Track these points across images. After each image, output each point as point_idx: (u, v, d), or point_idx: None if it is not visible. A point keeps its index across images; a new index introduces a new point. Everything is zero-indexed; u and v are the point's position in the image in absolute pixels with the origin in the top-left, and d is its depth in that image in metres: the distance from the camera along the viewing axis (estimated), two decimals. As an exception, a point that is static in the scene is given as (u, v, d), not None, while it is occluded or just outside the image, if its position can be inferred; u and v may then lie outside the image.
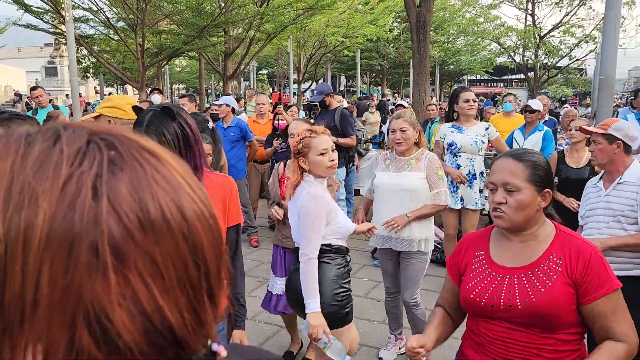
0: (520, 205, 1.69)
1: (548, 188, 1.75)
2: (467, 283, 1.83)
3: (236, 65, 19.97)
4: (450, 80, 41.17)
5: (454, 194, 4.75)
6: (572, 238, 1.74)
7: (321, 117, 6.24)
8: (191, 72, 39.04)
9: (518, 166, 1.72)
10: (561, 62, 24.36)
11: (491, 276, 1.77)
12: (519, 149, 1.88)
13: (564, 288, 1.64)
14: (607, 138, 2.96)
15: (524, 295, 1.68)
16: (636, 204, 2.85)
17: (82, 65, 19.42)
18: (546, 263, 1.69)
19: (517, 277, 1.72)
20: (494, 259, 1.80)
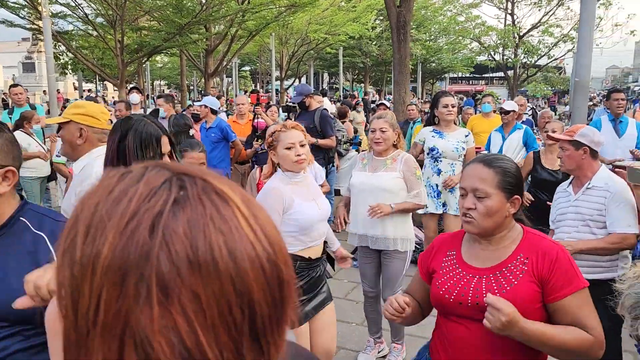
0: (489, 212, 1.72)
1: (517, 194, 1.77)
2: (437, 280, 1.87)
3: (218, 63, 19.85)
4: (432, 77, 41.45)
5: (435, 199, 4.81)
6: (539, 238, 1.78)
7: (301, 118, 6.25)
8: (173, 68, 38.69)
9: (488, 172, 1.74)
10: (540, 61, 24.68)
11: (461, 274, 1.81)
12: (490, 154, 1.89)
13: (529, 286, 1.68)
14: (573, 144, 3.02)
15: (491, 293, 1.71)
16: (604, 208, 2.92)
17: (60, 61, 19.09)
18: (513, 263, 1.73)
19: (485, 276, 1.76)
20: (465, 259, 1.84)
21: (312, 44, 26.62)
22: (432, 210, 4.83)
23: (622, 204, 2.89)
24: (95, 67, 16.41)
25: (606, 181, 2.98)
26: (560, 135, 3.10)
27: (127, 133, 1.92)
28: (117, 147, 1.92)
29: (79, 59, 16.16)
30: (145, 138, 1.94)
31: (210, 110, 6.34)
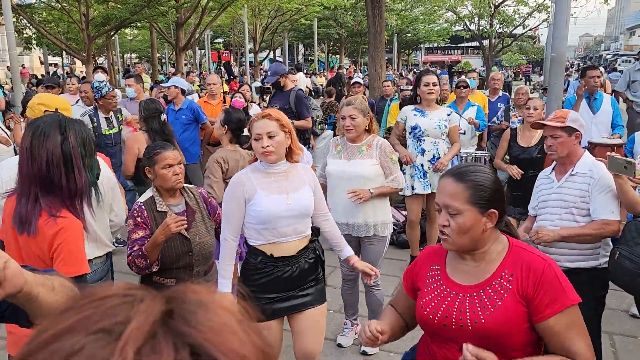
0: (462, 229, 1.62)
1: (493, 208, 1.65)
2: (422, 299, 1.78)
3: (189, 36, 19.30)
4: (408, 48, 41.23)
5: (422, 179, 4.74)
6: (525, 253, 1.67)
7: (276, 98, 6.07)
8: (143, 40, 37.59)
9: (458, 187, 1.64)
10: (515, 31, 24.64)
11: (445, 292, 1.72)
12: (464, 165, 1.75)
13: (514, 306, 1.58)
14: (566, 130, 2.95)
15: (474, 315, 1.63)
16: (588, 195, 2.87)
17: (24, 35, 18.31)
18: (497, 281, 1.63)
19: (469, 295, 1.66)
20: (449, 274, 1.75)
21: (286, 15, 26.10)
22: (419, 191, 4.77)
23: (605, 191, 2.84)
24: (61, 42, 15.79)
25: (590, 167, 2.92)
26: (552, 122, 3.00)
27: (68, 134, 1.90)
28: (60, 150, 1.87)
29: (42, 33, 15.50)
30: (85, 136, 1.98)
31: (180, 91, 6.11)
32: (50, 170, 1.85)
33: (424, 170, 4.72)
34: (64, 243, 1.83)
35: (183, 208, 2.79)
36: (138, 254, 2.62)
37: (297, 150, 2.66)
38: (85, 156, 1.94)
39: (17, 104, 9.65)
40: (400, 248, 5.70)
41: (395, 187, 3.57)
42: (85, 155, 1.94)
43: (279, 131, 2.54)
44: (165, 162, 2.71)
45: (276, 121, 2.55)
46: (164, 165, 2.70)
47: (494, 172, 1.71)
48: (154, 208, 2.73)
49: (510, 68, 33.79)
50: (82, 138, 1.95)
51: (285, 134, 2.56)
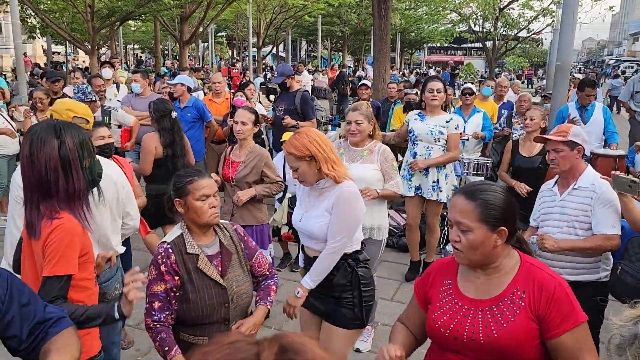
0: (473, 245, 1.68)
1: (503, 225, 1.70)
2: (433, 312, 1.81)
3: (193, 29, 19.26)
4: (411, 48, 41.18)
5: (407, 181, 4.78)
6: (537, 270, 1.71)
7: (281, 99, 6.10)
8: (147, 32, 37.53)
9: (469, 205, 1.69)
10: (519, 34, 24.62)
11: (457, 307, 1.76)
12: (475, 184, 1.80)
13: (526, 323, 1.63)
14: (569, 145, 2.98)
15: (487, 329, 1.67)
16: (590, 209, 2.91)
17: (28, 24, 18.27)
18: (510, 297, 1.68)
19: (481, 310, 1.71)
20: (461, 289, 1.79)
21: (291, 11, 26.03)
22: (405, 193, 4.81)
23: (607, 205, 2.88)
24: (65, 32, 15.76)
25: (592, 181, 2.95)
26: (556, 137, 3.03)
27: (64, 137, 1.93)
28: (58, 154, 1.90)
29: (46, 23, 15.47)
30: (82, 138, 1.98)
31: (186, 89, 6.14)
32: (49, 175, 1.89)
33: (410, 173, 4.78)
34: (54, 242, 1.86)
35: (217, 249, 2.34)
36: (160, 328, 2.18)
37: (333, 173, 2.59)
38: (83, 158, 1.96)
39: (21, 94, 9.66)
40: (401, 251, 5.74)
41: (396, 192, 3.68)
42: (83, 157, 1.96)
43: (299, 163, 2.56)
44: (201, 193, 2.24)
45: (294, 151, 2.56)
46: (199, 196, 2.24)
47: (504, 188, 1.77)
48: (184, 250, 2.24)
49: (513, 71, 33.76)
50: (79, 140, 1.96)
51: (309, 161, 2.54)
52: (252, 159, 3.90)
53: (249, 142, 3.98)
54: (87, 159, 1.98)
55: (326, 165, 2.56)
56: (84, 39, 16.25)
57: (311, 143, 2.54)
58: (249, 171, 3.89)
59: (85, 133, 2.04)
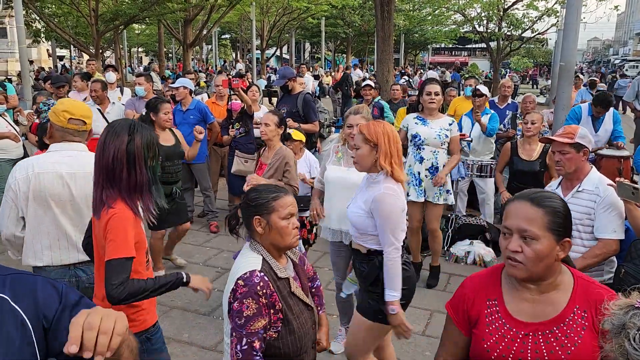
0: (539, 256, 1.54)
1: (568, 237, 1.59)
2: (484, 341, 1.64)
3: (197, 32, 19.31)
4: (415, 49, 41.13)
5: (417, 187, 4.76)
6: (593, 287, 1.61)
7: (283, 102, 6.08)
8: (151, 35, 37.62)
9: (537, 212, 1.56)
10: (523, 35, 24.51)
11: (512, 332, 1.60)
12: (537, 191, 1.65)
13: (593, 344, 1.51)
14: (575, 147, 2.95)
15: (553, 355, 1.53)
16: (593, 212, 2.89)
17: (33, 28, 18.36)
18: (571, 317, 1.56)
19: (541, 334, 1.57)
20: (511, 311, 1.63)
21: (294, 13, 26.07)
22: (413, 198, 4.77)
23: (610, 209, 2.85)
24: (69, 36, 15.83)
25: (597, 184, 2.93)
26: (563, 138, 3.00)
27: (135, 135, 2.14)
28: (125, 148, 2.11)
29: (51, 27, 15.55)
30: (149, 139, 2.19)
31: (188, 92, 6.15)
32: (115, 164, 2.10)
33: (419, 178, 4.73)
34: (112, 229, 2.05)
35: (293, 272, 2.13)
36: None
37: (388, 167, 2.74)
38: (147, 157, 2.16)
39: (26, 98, 9.69)
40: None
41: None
42: (147, 156, 2.16)
43: (364, 144, 2.76)
44: (287, 211, 2.01)
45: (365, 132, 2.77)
46: (285, 214, 2.00)
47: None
48: (274, 276, 1.97)
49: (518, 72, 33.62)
50: (147, 141, 2.16)
51: (371, 148, 2.75)
52: (277, 160, 3.97)
53: (275, 143, 4.04)
54: (152, 159, 2.19)
55: (384, 158, 2.70)
56: (88, 43, 16.28)
57: (382, 134, 2.71)
58: (274, 172, 3.94)
59: (155, 137, 2.22)
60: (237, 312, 1.83)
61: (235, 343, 1.84)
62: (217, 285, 4.86)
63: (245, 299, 1.84)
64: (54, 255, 2.67)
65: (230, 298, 1.89)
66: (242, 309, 1.84)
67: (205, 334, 3.97)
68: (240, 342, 1.84)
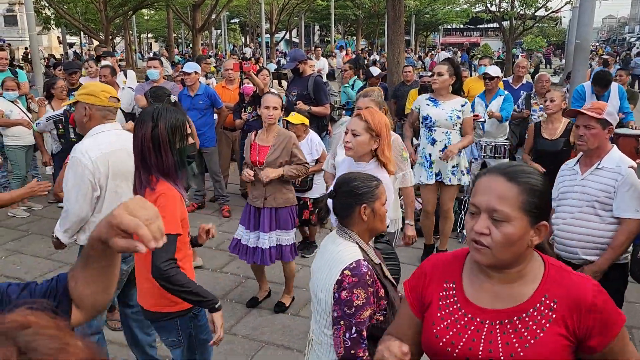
0: (509, 241, 1.31)
1: (544, 219, 1.36)
2: (434, 325, 1.46)
3: (206, 17, 19.21)
4: (426, 30, 40.60)
5: (428, 169, 4.71)
6: (567, 275, 1.38)
7: (294, 84, 6.04)
8: (160, 20, 37.50)
9: (511, 189, 1.32)
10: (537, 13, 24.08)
11: (466, 319, 1.41)
12: (513, 164, 1.41)
13: (558, 340, 1.32)
14: (601, 123, 2.89)
15: (508, 347, 1.34)
16: (614, 190, 2.84)
17: (42, 15, 18.38)
18: (536, 307, 1.35)
19: (499, 323, 1.37)
20: (469, 296, 1.44)
21: (303, -5, 25.81)
22: (424, 181, 4.74)
23: (632, 188, 2.80)
24: (79, 22, 15.83)
25: (618, 163, 2.87)
26: (591, 112, 2.92)
27: (158, 121, 2.19)
28: (150, 135, 2.18)
29: (60, 14, 15.54)
30: (175, 123, 2.22)
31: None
32: (144, 150, 2.20)
33: (430, 160, 4.68)
34: (160, 206, 2.08)
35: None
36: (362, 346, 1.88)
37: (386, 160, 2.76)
38: (173, 141, 2.21)
39: (37, 85, 9.73)
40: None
41: (405, 186, 3.58)
42: (173, 140, 2.21)
43: (365, 132, 2.73)
44: (385, 197, 2.07)
45: (370, 120, 2.73)
46: (384, 200, 2.06)
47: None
48: (372, 262, 1.99)
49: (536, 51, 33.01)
50: (171, 125, 2.21)
51: (372, 137, 2.71)
52: (281, 142, 3.93)
53: (275, 125, 4.02)
54: (178, 142, 2.23)
55: (382, 150, 2.73)
56: (98, 29, 16.27)
57: (385, 126, 2.72)
58: (280, 153, 3.91)
59: (181, 120, 2.26)
60: (347, 302, 1.86)
61: (343, 331, 1.87)
62: (229, 270, 4.89)
63: (355, 289, 1.86)
64: None
65: (334, 288, 1.89)
66: (352, 298, 1.86)
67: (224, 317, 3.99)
68: (349, 330, 1.86)
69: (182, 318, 2.33)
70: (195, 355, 2.42)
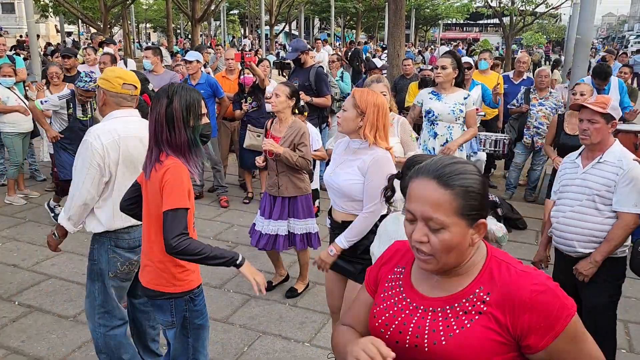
0: (448, 247, 1.28)
1: (483, 218, 1.31)
2: (376, 305, 1.46)
3: (205, 7, 19.10)
4: (426, 25, 40.53)
5: None
6: (508, 270, 1.32)
7: (295, 75, 6.01)
8: (158, 10, 37.37)
9: (444, 195, 1.26)
10: (537, 9, 24.03)
11: (404, 303, 1.40)
12: (446, 163, 1.31)
13: (484, 333, 1.27)
14: (605, 117, 2.89)
15: (433, 335, 1.31)
16: (614, 184, 2.84)
17: (40, 3, 18.24)
18: (469, 298, 1.31)
19: (432, 310, 1.35)
20: (414, 282, 1.42)
21: (304, -13, 25.69)
22: None
23: (632, 183, 2.80)
24: (77, 10, 15.71)
25: (619, 157, 2.87)
26: (595, 106, 2.91)
27: (173, 98, 2.20)
28: (165, 111, 2.20)
29: (59, 1, 15.42)
30: (190, 101, 2.23)
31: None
32: (157, 127, 2.21)
33: (434, 153, 4.67)
34: (169, 181, 2.14)
35: None
36: None
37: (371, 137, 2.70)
38: (188, 118, 2.22)
39: (34, 72, 9.67)
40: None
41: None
42: (188, 118, 2.22)
43: (351, 109, 2.72)
44: None
45: (352, 98, 2.74)
46: None
47: (478, 170, 1.35)
48: None
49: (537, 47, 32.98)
50: (186, 103, 2.22)
51: (358, 114, 2.69)
52: (291, 134, 3.91)
53: (287, 115, 3.98)
54: (192, 120, 2.23)
55: (368, 129, 2.68)
56: (96, 18, 16.17)
57: (373, 105, 2.68)
58: (289, 145, 3.90)
59: (196, 98, 2.26)
60: None
61: None
62: (228, 259, 4.89)
63: None
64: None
65: None
66: None
67: (216, 306, 3.99)
68: None
69: (177, 299, 2.33)
70: (188, 339, 2.40)
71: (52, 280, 4.40)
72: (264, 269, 4.42)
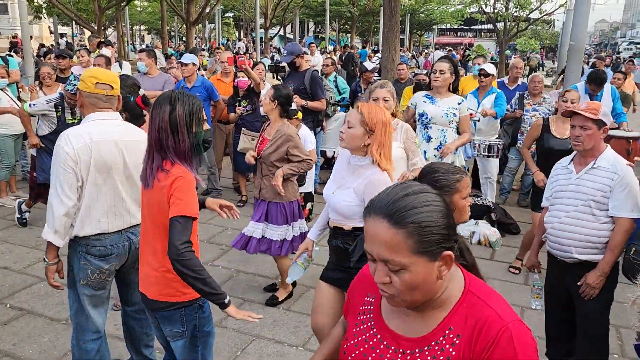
0: (412, 286, 1.19)
1: (448, 249, 1.20)
2: (347, 340, 1.40)
3: (200, 10, 19.08)
4: (420, 29, 40.70)
5: None
6: (482, 308, 1.24)
7: (290, 78, 6.01)
8: (153, 12, 37.25)
9: (397, 235, 1.15)
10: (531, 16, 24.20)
11: (374, 340, 1.33)
12: (400, 196, 1.20)
13: None
14: (597, 123, 2.91)
15: None
16: (609, 190, 2.85)
17: (34, 4, 18.16)
18: (438, 341, 1.25)
19: (402, 352, 1.28)
20: (384, 315, 1.36)
21: (299, -9, 25.74)
22: None
23: (628, 188, 2.82)
24: (71, 12, 15.66)
25: (613, 162, 2.89)
26: (587, 112, 2.93)
27: (176, 105, 2.20)
28: (169, 118, 2.20)
29: (52, 3, 15.36)
30: (192, 108, 2.23)
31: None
32: (161, 133, 2.20)
33: (426, 157, 4.68)
34: (179, 189, 2.14)
35: None
36: None
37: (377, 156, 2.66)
38: (190, 124, 2.21)
39: (27, 73, 9.62)
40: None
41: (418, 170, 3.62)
42: (190, 124, 2.21)
43: (359, 126, 2.64)
44: (467, 191, 2.07)
45: (360, 115, 2.66)
46: (466, 194, 2.07)
47: (439, 194, 1.27)
48: None
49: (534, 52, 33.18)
50: (189, 109, 2.22)
51: (366, 132, 2.62)
52: (277, 138, 3.90)
53: (275, 117, 3.98)
54: (195, 126, 2.23)
55: (375, 147, 2.64)
56: (90, 20, 16.12)
57: (382, 123, 2.64)
58: (274, 150, 3.89)
59: (198, 105, 2.28)
60: None
61: None
62: (221, 263, 4.86)
63: None
64: (109, 221, 2.67)
65: None
66: None
67: (213, 310, 3.96)
68: None
69: (188, 308, 2.30)
70: (197, 348, 2.38)
71: (44, 283, 4.36)
72: (259, 272, 4.40)
